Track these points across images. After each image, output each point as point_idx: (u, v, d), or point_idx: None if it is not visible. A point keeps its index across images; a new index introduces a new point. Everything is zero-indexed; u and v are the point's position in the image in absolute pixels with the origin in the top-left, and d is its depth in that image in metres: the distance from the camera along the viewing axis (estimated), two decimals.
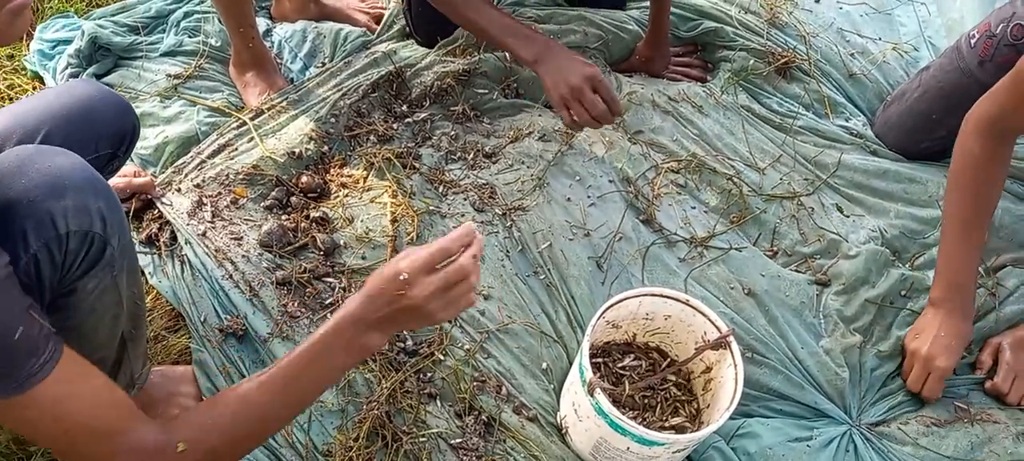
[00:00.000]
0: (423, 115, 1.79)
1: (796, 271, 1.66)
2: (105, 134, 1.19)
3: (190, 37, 1.92)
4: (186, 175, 1.63)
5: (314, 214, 1.59)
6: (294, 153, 1.66)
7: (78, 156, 0.99)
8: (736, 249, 1.66)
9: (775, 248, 1.71)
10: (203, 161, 1.66)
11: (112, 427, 0.90)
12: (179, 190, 1.59)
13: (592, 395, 1.24)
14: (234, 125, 1.73)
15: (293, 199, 1.62)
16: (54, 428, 0.88)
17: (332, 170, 1.69)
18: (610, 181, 1.73)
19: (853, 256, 1.66)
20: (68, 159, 0.97)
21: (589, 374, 1.24)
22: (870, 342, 1.57)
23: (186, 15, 1.96)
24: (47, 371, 0.84)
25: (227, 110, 1.79)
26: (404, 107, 1.81)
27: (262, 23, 1.97)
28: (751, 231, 1.72)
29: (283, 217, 1.59)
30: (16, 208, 0.92)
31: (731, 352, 1.32)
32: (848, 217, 1.76)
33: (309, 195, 1.62)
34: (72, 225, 0.94)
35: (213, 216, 1.56)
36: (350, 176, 1.67)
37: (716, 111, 1.89)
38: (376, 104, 1.79)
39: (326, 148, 1.70)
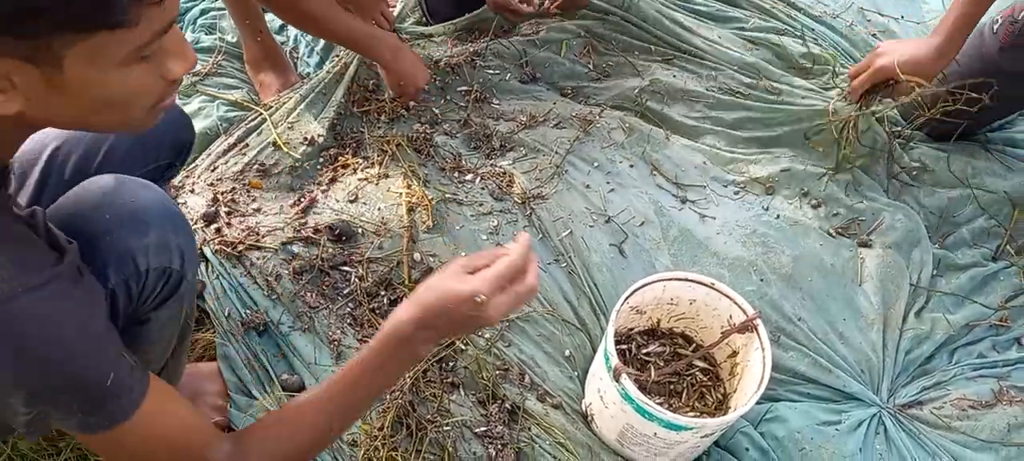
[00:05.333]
0: (432, 97, 1.79)
1: (831, 237, 1.64)
2: (166, 144, 1.20)
3: (207, 34, 1.93)
4: (199, 176, 1.63)
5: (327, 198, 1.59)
6: (309, 140, 1.66)
7: (158, 189, 1.00)
8: (769, 220, 1.63)
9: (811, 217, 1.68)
10: (215, 161, 1.66)
11: (195, 451, 0.92)
12: (193, 191, 1.59)
13: (618, 380, 1.22)
14: (246, 122, 1.73)
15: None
16: (143, 456, 0.89)
17: (347, 155, 1.68)
18: (630, 166, 1.71)
19: (895, 227, 1.64)
20: (150, 193, 0.99)
21: (614, 359, 1.22)
22: (903, 323, 1.54)
23: (202, 12, 1.97)
24: (137, 403, 0.84)
25: (246, 105, 1.79)
26: None
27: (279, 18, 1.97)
28: (783, 206, 1.69)
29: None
30: (99, 244, 0.92)
31: (758, 335, 1.30)
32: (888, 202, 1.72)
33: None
34: (152, 262, 0.95)
35: (228, 213, 1.56)
36: (365, 159, 1.66)
37: (747, 98, 1.85)
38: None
39: (338, 127, 1.71)
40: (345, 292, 1.48)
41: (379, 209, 1.58)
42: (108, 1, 0.65)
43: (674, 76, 1.87)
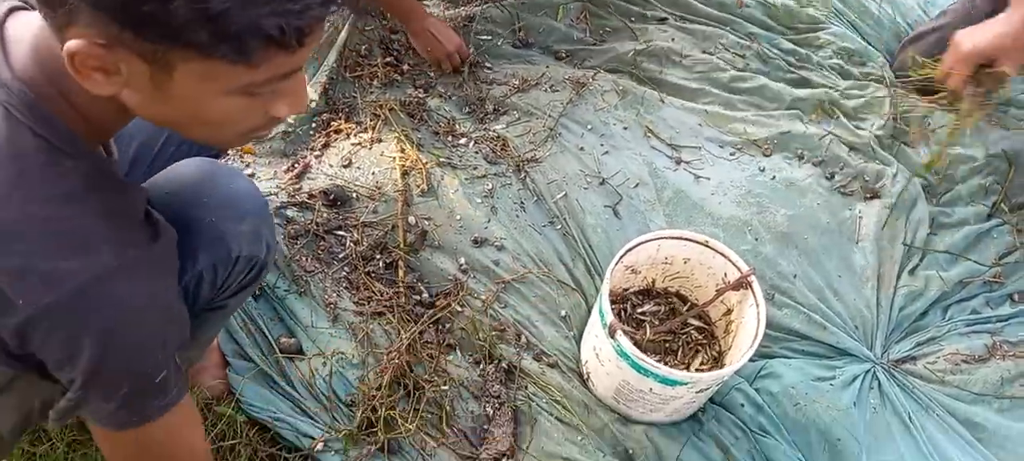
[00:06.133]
0: (425, 62, 1.79)
1: (832, 195, 1.64)
2: None
3: None
4: None
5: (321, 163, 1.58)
6: None
7: (249, 178, 1.03)
8: (764, 181, 1.63)
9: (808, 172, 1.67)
10: None
11: None
12: None
13: (613, 337, 1.23)
14: None
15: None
16: None
17: (340, 120, 1.68)
18: (624, 128, 1.71)
19: (893, 189, 1.64)
20: (245, 182, 1.00)
21: (609, 316, 1.22)
22: (897, 281, 1.55)
23: None
24: (168, 409, 0.84)
25: None
26: (407, 52, 1.80)
27: None
28: (780, 166, 1.69)
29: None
30: (196, 226, 0.93)
31: (753, 291, 1.30)
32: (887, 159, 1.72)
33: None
34: (244, 250, 0.97)
35: None
36: (358, 124, 1.66)
37: (745, 59, 1.85)
38: (374, 40, 1.81)
39: (330, 92, 1.71)
40: (340, 256, 1.48)
41: (373, 173, 1.58)
42: (235, 37, 0.63)
43: (673, 40, 1.86)
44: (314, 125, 1.67)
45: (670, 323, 1.43)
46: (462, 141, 1.67)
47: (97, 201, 0.75)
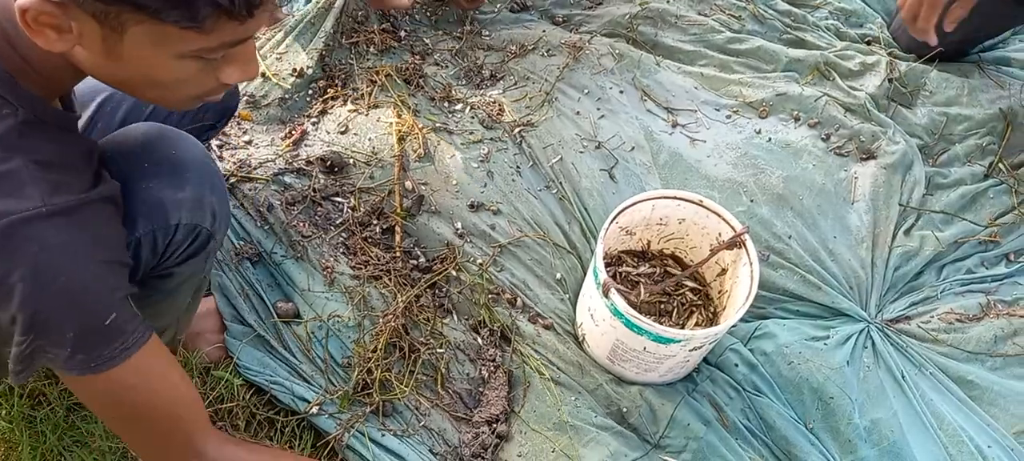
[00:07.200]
0: (423, 25, 1.78)
1: (827, 156, 1.64)
2: (213, 107, 1.20)
3: None
4: None
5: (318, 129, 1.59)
6: (297, 71, 1.65)
7: (199, 143, 1.00)
8: (760, 142, 1.63)
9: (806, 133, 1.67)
10: None
11: (184, 425, 0.92)
12: None
13: (607, 296, 1.24)
14: None
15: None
16: (126, 412, 0.88)
17: (337, 87, 1.68)
18: (620, 92, 1.70)
19: (889, 150, 1.64)
20: (192, 149, 0.98)
21: (603, 275, 1.23)
22: (892, 241, 1.55)
23: None
24: (129, 354, 0.83)
25: None
26: (403, 18, 1.80)
27: None
28: (776, 128, 1.68)
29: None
30: (133, 192, 0.92)
31: (746, 250, 1.30)
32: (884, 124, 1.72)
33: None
34: (185, 218, 0.94)
35: (220, 146, 1.56)
36: (355, 90, 1.66)
37: (739, 22, 1.84)
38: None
39: (326, 59, 1.70)
40: (338, 222, 1.49)
41: (370, 139, 1.58)
42: (185, 3, 0.66)
43: (668, 2, 1.85)
44: (311, 92, 1.67)
45: (665, 283, 1.44)
46: (458, 107, 1.67)
47: (32, 148, 0.76)
